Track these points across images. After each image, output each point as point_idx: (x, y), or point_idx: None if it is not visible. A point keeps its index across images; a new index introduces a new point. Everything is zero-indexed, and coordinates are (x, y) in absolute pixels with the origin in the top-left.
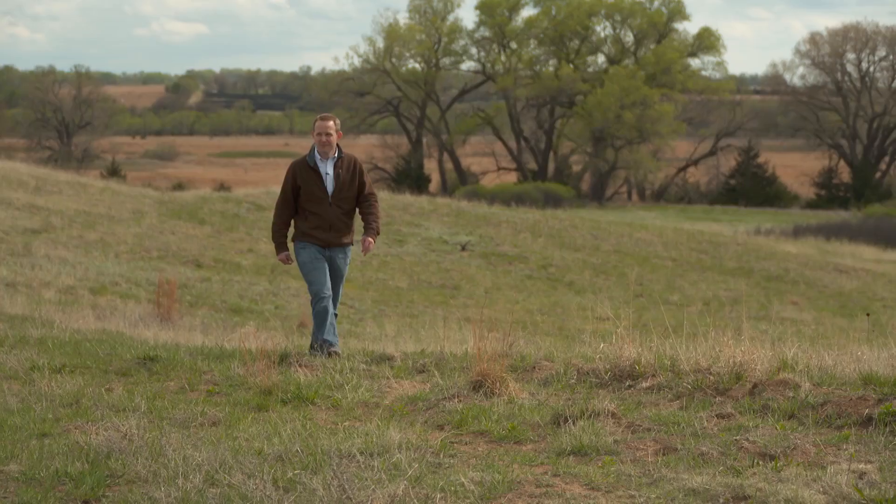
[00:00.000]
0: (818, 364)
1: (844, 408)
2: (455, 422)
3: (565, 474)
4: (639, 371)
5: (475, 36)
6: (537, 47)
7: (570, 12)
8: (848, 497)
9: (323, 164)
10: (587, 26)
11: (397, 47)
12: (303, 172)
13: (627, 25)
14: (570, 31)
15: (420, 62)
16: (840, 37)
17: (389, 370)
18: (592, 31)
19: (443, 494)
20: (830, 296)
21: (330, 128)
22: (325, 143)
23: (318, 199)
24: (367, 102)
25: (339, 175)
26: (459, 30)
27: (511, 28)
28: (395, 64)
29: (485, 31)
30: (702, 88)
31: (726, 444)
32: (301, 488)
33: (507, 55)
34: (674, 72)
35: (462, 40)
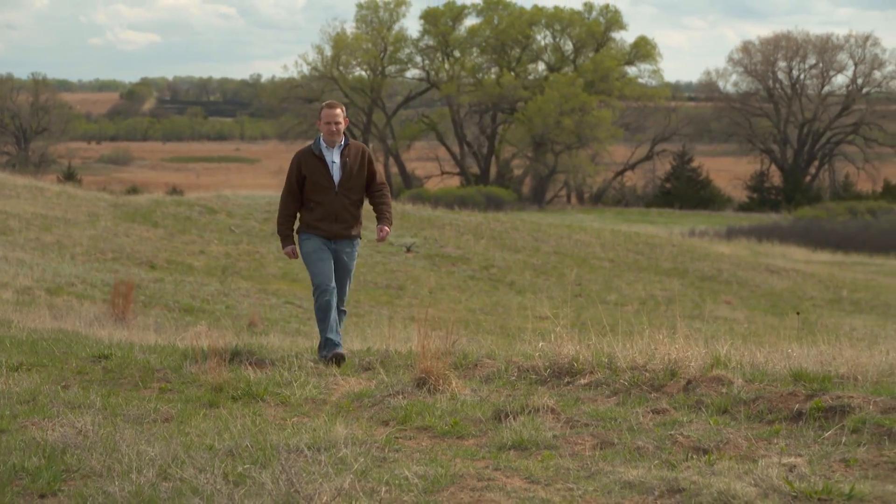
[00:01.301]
0: (750, 361)
1: (775, 403)
2: (400, 417)
3: (506, 468)
4: (577, 368)
5: (420, 45)
6: (480, 55)
7: (511, 22)
8: (778, 489)
9: (329, 152)
10: (528, 35)
11: (344, 56)
12: (308, 161)
13: (567, 35)
14: (512, 40)
15: (366, 70)
16: (772, 45)
17: (336, 368)
18: (533, 40)
19: (387, 488)
20: (762, 295)
21: (338, 116)
22: (332, 132)
23: (324, 189)
24: (315, 109)
25: (347, 163)
26: (404, 39)
27: (454, 37)
28: (342, 72)
29: (429, 40)
30: (638, 95)
31: (661, 439)
32: (250, 482)
33: (451, 63)
34: (611, 79)
35: (407, 49)
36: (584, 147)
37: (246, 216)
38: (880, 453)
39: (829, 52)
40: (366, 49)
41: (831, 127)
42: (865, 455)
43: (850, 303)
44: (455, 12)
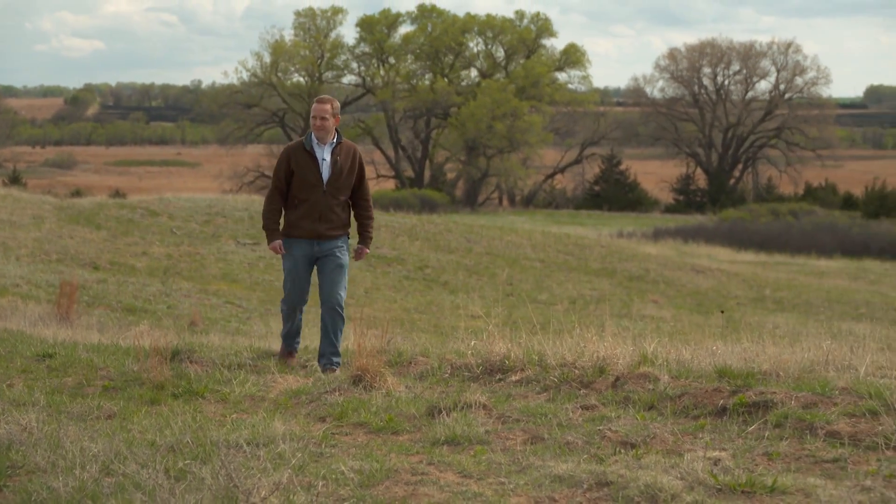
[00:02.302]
0: (676, 358)
1: (700, 399)
2: (336, 414)
3: (439, 463)
4: (508, 365)
5: (356, 51)
6: (414, 62)
7: (444, 29)
8: (703, 482)
9: (320, 148)
10: (461, 42)
11: (283, 62)
12: (298, 156)
13: (498, 42)
14: (445, 47)
15: (304, 76)
16: (697, 52)
17: (274, 365)
18: (466, 47)
19: (324, 482)
20: (688, 294)
21: (326, 111)
22: (320, 128)
23: (310, 186)
24: (255, 114)
25: (337, 162)
26: (341, 46)
27: (389, 44)
28: (280, 78)
29: (365, 47)
30: (568, 101)
31: (590, 434)
32: (191, 477)
33: (386, 69)
34: (542, 85)
35: (344, 55)
36: (515, 151)
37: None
38: (802, 447)
39: (753, 58)
40: (303, 56)
41: (755, 131)
42: (787, 449)
43: (773, 301)
44: (390, 20)
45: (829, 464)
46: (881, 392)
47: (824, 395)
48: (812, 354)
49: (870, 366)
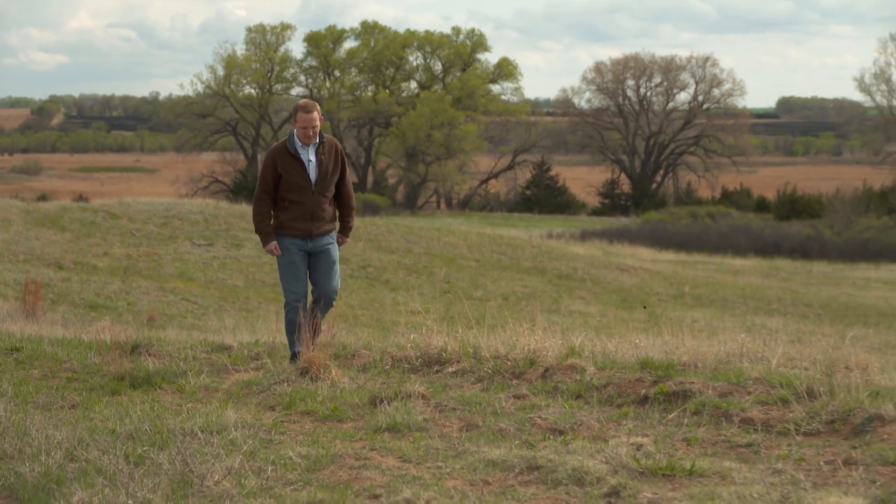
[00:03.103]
0: (602, 351)
1: (624, 388)
2: (285, 403)
3: (381, 448)
4: (445, 358)
5: (303, 65)
6: (358, 75)
7: (386, 44)
8: (627, 466)
9: (304, 150)
10: (401, 56)
11: (235, 75)
12: (283, 160)
13: (436, 56)
14: (387, 61)
15: (255, 88)
16: (621, 66)
17: (228, 358)
18: (406, 61)
19: (274, 467)
20: (613, 291)
21: (314, 119)
22: (308, 136)
23: (300, 188)
24: (209, 123)
25: (322, 161)
26: (290, 60)
27: (335, 58)
28: (233, 89)
29: (312, 61)
30: (501, 111)
31: (522, 422)
32: (149, 462)
33: (332, 82)
34: (477, 96)
35: (292, 69)
36: (452, 158)
37: (145, 221)
38: (718, 433)
39: (673, 71)
40: (254, 69)
41: (675, 139)
42: (705, 435)
43: (692, 297)
44: (335, 36)
45: (744, 448)
46: (792, 382)
47: (739, 384)
48: (728, 347)
49: (781, 357)
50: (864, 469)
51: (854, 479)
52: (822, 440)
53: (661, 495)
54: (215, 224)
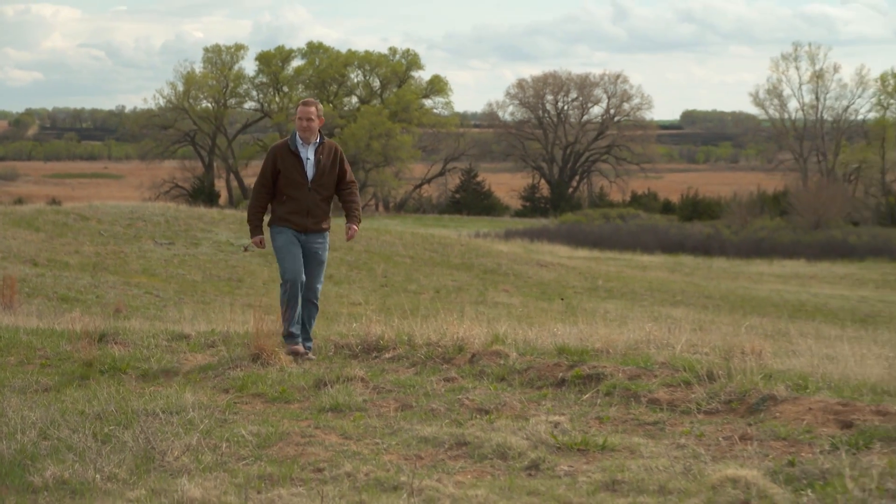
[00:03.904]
0: (523, 338)
1: (543, 372)
2: (238, 386)
3: (324, 427)
4: (383, 345)
5: (255, 81)
6: (304, 90)
7: (330, 63)
8: (546, 442)
9: (304, 148)
10: (343, 74)
11: (193, 90)
12: (283, 156)
13: (375, 73)
14: (330, 78)
15: (211, 102)
16: (541, 82)
17: (186, 346)
18: (348, 78)
19: (228, 444)
20: (533, 284)
21: (311, 113)
22: (305, 129)
23: (297, 184)
24: (170, 134)
25: (320, 161)
26: (243, 77)
27: (283, 75)
28: (191, 103)
29: (263, 78)
30: (433, 123)
31: (451, 402)
32: (115, 440)
33: (281, 97)
34: (411, 110)
35: (245, 85)
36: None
37: (112, 222)
38: (628, 412)
39: (588, 87)
40: (211, 85)
41: (589, 148)
42: (616, 414)
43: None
44: (284, 55)
45: (651, 426)
46: (693, 366)
47: (646, 368)
48: (636, 335)
49: (684, 344)
50: (759, 444)
51: (749, 452)
52: (720, 418)
53: (577, 468)
54: (175, 225)
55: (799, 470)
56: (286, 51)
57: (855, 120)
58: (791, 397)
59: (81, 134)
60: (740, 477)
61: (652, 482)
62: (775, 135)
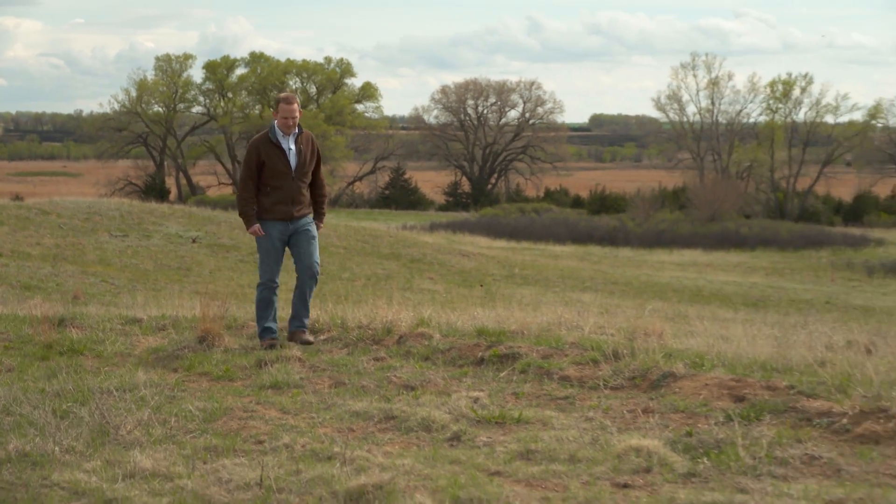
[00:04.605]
0: (446, 321)
1: (464, 352)
2: (186, 366)
3: (265, 402)
4: (318, 327)
5: (202, 88)
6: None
7: (270, 71)
8: (466, 415)
9: (285, 140)
10: (283, 81)
11: (145, 96)
12: (266, 149)
13: (312, 80)
14: (271, 84)
15: (162, 107)
16: (463, 89)
17: (139, 329)
18: (287, 85)
19: (176, 418)
20: (456, 272)
21: (295, 111)
22: (289, 126)
23: (282, 175)
24: (124, 136)
25: (301, 150)
26: (191, 83)
27: (228, 82)
28: (143, 108)
29: (209, 85)
30: (365, 126)
31: (380, 380)
32: (73, 416)
33: (226, 102)
34: (345, 114)
35: (193, 91)
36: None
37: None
38: (541, 388)
39: (505, 93)
40: (161, 91)
41: (506, 149)
42: (530, 389)
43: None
44: (228, 64)
45: (562, 400)
46: (601, 346)
47: (558, 348)
48: (549, 317)
49: (592, 326)
50: (660, 416)
51: (651, 424)
52: (625, 393)
53: (495, 439)
54: (129, 219)
55: (696, 440)
56: (230, 60)
57: (747, 123)
58: (689, 374)
59: (42, 136)
60: (643, 446)
61: (563, 451)
62: (675, 136)
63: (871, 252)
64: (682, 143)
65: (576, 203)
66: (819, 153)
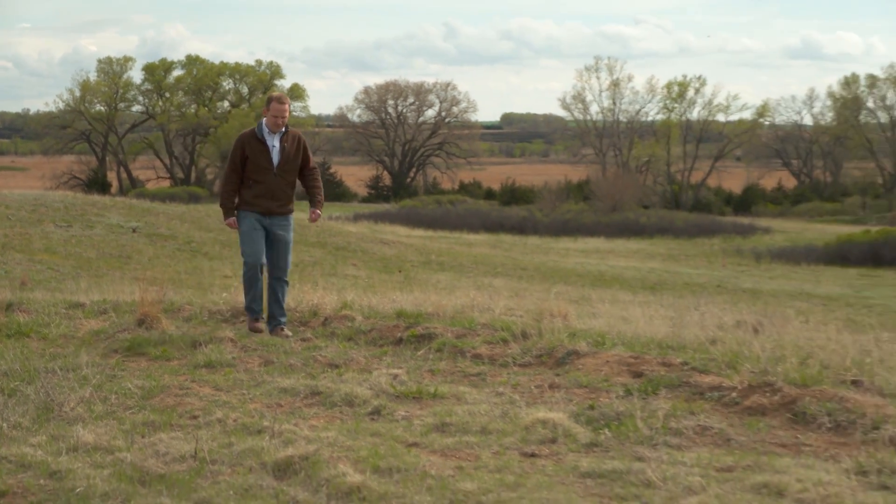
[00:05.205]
0: (368, 304)
1: (384, 332)
2: (125, 347)
3: (199, 380)
4: None
5: (142, 88)
6: (183, 96)
7: (205, 73)
8: (386, 391)
9: (271, 137)
10: (217, 82)
11: (89, 96)
12: (251, 144)
13: (244, 81)
14: (206, 85)
15: (104, 106)
16: (384, 89)
17: (82, 313)
18: (220, 86)
19: (116, 396)
20: (377, 259)
21: (285, 111)
22: (278, 124)
23: (264, 170)
24: (68, 133)
25: (285, 148)
26: (131, 84)
27: (166, 83)
28: (86, 107)
29: (148, 85)
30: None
31: (307, 359)
32: (19, 394)
33: (164, 101)
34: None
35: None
36: None
37: (19, 208)
38: (455, 365)
39: (423, 94)
40: (104, 91)
41: (424, 145)
42: (445, 367)
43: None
44: (166, 66)
45: (474, 377)
46: (510, 326)
47: (471, 329)
48: (463, 301)
49: (503, 308)
50: (564, 391)
51: (556, 398)
52: (533, 370)
53: (412, 413)
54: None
55: (598, 412)
56: (168, 62)
57: (645, 121)
58: (591, 352)
59: None
60: (549, 419)
61: (475, 424)
62: (579, 133)
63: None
64: (586, 140)
65: (488, 195)
66: (711, 149)
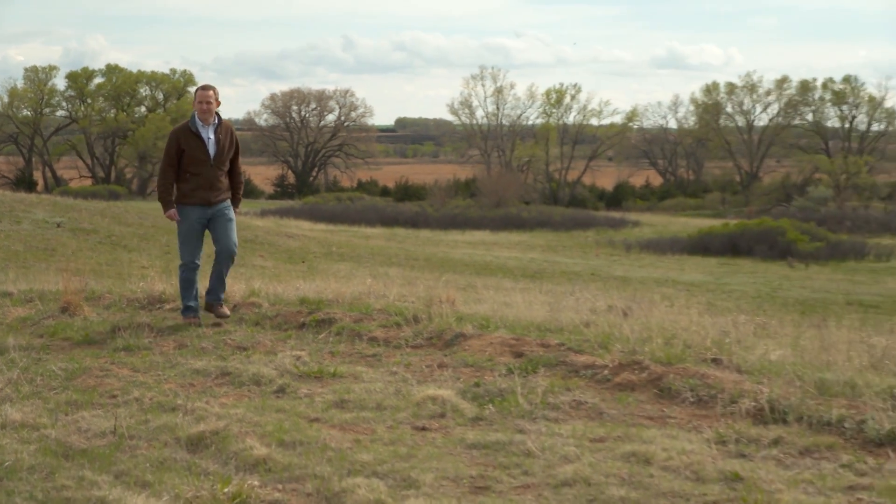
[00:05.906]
0: (273, 292)
1: (289, 318)
2: (50, 332)
3: (119, 363)
4: (164, 298)
5: (65, 94)
6: (104, 102)
7: (124, 80)
8: (290, 371)
9: (205, 129)
10: (135, 89)
11: (16, 101)
12: (186, 137)
13: (160, 88)
14: (124, 92)
15: (30, 111)
16: (289, 96)
17: (9, 301)
18: (138, 92)
19: (42, 377)
20: (283, 251)
21: (210, 96)
22: (205, 111)
23: (200, 162)
24: None
25: (220, 140)
26: (55, 91)
27: (87, 90)
28: (14, 112)
29: (71, 92)
30: None
31: (217, 342)
32: None
33: (86, 107)
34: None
35: (57, 97)
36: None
37: None
38: (353, 348)
39: (324, 100)
40: (30, 97)
41: (325, 147)
42: (344, 349)
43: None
44: (88, 74)
45: (371, 358)
46: (403, 311)
47: (367, 314)
48: (360, 288)
49: (396, 295)
50: (452, 370)
51: (445, 377)
52: (424, 351)
53: (314, 391)
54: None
55: (483, 389)
56: (89, 71)
57: (526, 124)
58: (477, 334)
59: None
60: (438, 396)
61: (371, 401)
62: (466, 136)
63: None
64: (473, 142)
65: (384, 192)
66: (586, 150)
